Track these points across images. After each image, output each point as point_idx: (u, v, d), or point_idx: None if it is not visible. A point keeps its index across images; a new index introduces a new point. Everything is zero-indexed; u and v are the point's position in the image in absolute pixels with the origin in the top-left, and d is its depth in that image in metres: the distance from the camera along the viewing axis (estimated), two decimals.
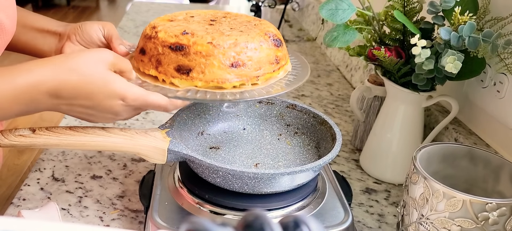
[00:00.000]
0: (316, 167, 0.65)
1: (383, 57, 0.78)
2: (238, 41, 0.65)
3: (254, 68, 0.67)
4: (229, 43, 0.65)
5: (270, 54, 0.68)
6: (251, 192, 0.65)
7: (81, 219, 0.74)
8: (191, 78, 0.65)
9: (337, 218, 0.67)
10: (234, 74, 0.65)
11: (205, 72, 0.64)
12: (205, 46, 0.64)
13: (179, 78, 0.65)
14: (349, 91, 1.33)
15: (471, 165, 0.69)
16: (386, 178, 0.89)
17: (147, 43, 0.67)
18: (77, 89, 0.60)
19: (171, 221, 0.64)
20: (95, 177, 0.84)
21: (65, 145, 0.64)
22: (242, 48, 0.65)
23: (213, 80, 0.65)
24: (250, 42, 0.66)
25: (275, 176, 0.63)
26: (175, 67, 0.65)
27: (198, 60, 0.64)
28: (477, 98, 0.85)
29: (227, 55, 0.64)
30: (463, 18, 0.72)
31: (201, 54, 0.64)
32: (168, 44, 0.65)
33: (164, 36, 0.66)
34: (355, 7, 0.81)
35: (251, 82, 0.67)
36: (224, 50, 0.64)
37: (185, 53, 0.64)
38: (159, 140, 0.67)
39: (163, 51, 0.65)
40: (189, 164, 0.69)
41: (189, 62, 0.64)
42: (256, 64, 0.67)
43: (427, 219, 0.60)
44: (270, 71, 0.68)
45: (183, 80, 0.65)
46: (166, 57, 0.65)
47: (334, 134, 0.72)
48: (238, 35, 0.66)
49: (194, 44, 0.64)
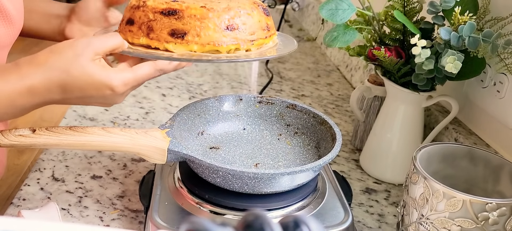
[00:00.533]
0: (316, 167, 0.65)
1: (383, 57, 0.78)
2: (230, 6, 0.65)
3: (249, 33, 0.66)
4: (222, 8, 0.64)
5: (261, 20, 0.69)
6: (251, 192, 0.65)
7: (81, 219, 0.74)
8: (186, 42, 0.64)
9: (337, 218, 0.67)
10: (230, 37, 0.65)
11: (200, 35, 0.63)
12: (199, 9, 0.63)
13: (174, 42, 0.64)
14: (349, 91, 1.33)
15: (471, 165, 0.69)
16: (386, 178, 0.89)
17: (135, 12, 0.66)
18: (67, 85, 0.61)
19: (171, 221, 0.64)
20: (95, 177, 0.84)
21: (65, 145, 0.64)
22: (236, 13, 0.65)
23: (209, 43, 0.64)
24: (242, 8, 0.66)
25: (275, 176, 0.63)
26: (169, 32, 0.64)
27: (193, 24, 0.63)
28: (477, 98, 0.85)
29: (222, 18, 0.64)
30: (463, 18, 0.72)
31: (195, 17, 0.63)
32: (159, 10, 0.64)
33: (154, 4, 0.65)
34: (355, 7, 0.81)
35: (246, 47, 0.66)
36: (218, 13, 0.64)
37: (179, 17, 0.63)
38: (159, 140, 0.67)
39: (154, 17, 0.64)
40: (189, 164, 0.69)
41: (183, 26, 0.63)
42: (250, 29, 0.67)
43: (427, 219, 0.60)
44: (262, 37, 0.68)
45: (178, 45, 0.64)
46: (158, 23, 0.64)
47: (334, 133, 0.72)
48: (229, 2, 0.67)
49: (188, 8, 0.63)
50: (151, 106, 1.13)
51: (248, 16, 0.66)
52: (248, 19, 0.66)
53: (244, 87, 1.31)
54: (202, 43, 0.63)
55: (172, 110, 1.12)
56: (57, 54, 0.61)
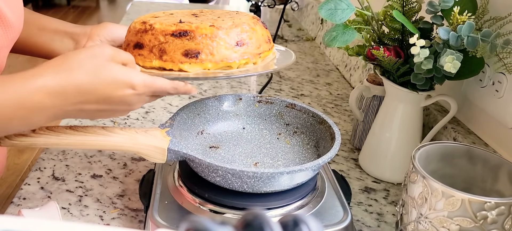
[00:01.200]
0: (315, 166, 0.65)
1: (382, 57, 0.78)
2: (235, 22, 0.68)
3: (256, 46, 0.69)
4: (228, 25, 0.67)
5: (264, 34, 0.72)
6: (250, 191, 0.65)
7: (81, 218, 0.75)
8: (200, 61, 0.66)
9: (336, 217, 0.67)
10: (240, 53, 0.67)
11: (213, 53, 0.66)
12: (209, 29, 0.66)
13: (189, 62, 0.65)
14: (348, 90, 1.33)
15: (470, 164, 0.69)
16: (385, 177, 0.90)
17: (143, 36, 0.67)
18: (83, 85, 0.58)
19: (171, 220, 0.65)
20: (95, 176, 0.84)
21: (65, 144, 0.64)
22: (243, 29, 0.68)
23: (223, 60, 0.66)
24: (245, 23, 0.69)
25: (275, 175, 0.63)
26: (183, 53, 0.65)
27: (205, 42, 0.65)
28: (475, 98, 0.85)
29: (231, 36, 0.66)
30: (462, 18, 0.72)
31: (207, 36, 0.65)
32: (170, 32, 0.65)
33: (162, 26, 0.66)
34: (354, 7, 0.81)
35: (254, 60, 0.69)
36: (227, 31, 0.66)
37: (191, 37, 0.65)
38: (159, 139, 0.67)
39: (166, 40, 0.65)
40: (189, 163, 0.69)
41: (196, 45, 0.65)
42: (257, 42, 0.69)
43: (426, 218, 0.60)
44: (267, 49, 0.72)
45: (193, 64, 0.66)
46: (170, 45, 0.65)
47: (333, 133, 0.73)
48: (230, 18, 0.69)
49: (198, 28, 0.65)
50: (151, 106, 1.13)
51: (253, 31, 0.69)
52: (253, 34, 0.69)
53: (243, 87, 1.31)
54: (215, 61, 0.66)
55: (172, 110, 1.12)
56: (74, 55, 0.59)
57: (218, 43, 0.66)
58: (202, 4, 3.01)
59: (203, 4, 2.90)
